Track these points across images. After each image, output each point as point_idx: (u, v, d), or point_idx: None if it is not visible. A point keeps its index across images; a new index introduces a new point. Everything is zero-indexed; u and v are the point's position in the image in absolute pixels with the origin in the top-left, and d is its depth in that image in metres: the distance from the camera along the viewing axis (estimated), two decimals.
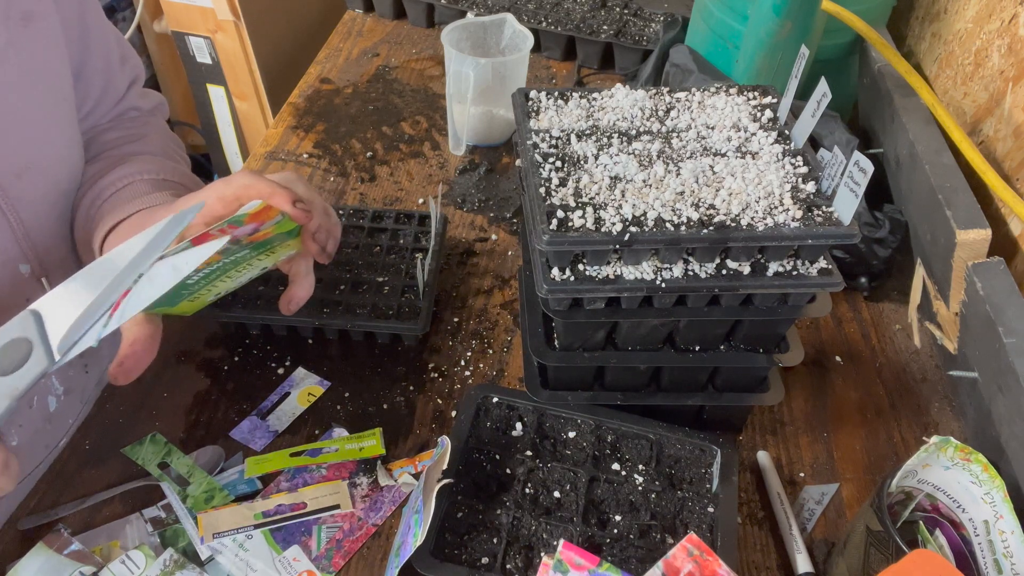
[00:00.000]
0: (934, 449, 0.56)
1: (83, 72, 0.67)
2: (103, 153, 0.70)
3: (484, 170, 1.03)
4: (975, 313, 0.70)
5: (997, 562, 0.56)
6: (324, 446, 0.71)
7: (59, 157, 0.63)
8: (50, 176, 0.62)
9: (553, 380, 0.70)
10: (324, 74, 1.22)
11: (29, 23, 0.58)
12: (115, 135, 0.72)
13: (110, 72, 0.71)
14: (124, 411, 0.73)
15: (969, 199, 0.75)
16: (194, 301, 0.59)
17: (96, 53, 0.68)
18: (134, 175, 0.65)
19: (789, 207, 0.59)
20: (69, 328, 0.43)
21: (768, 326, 0.65)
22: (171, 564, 0.61)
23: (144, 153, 0.70)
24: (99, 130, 0.72)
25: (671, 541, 0.62)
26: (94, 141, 0.71)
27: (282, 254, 0.62)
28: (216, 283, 0.58)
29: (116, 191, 0.63)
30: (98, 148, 0.70)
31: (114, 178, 0.64)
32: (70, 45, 0.64)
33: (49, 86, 0.61)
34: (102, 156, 0.69)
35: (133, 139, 0.72)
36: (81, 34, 0.66)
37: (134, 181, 0.64)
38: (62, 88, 0.63)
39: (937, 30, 0.97)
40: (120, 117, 0.74)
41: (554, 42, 1.24)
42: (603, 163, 0.62)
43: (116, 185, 0.64)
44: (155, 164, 0.67)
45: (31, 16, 0.58)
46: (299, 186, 0.59)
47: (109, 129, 0.73)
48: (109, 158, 0.69)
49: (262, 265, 0.61)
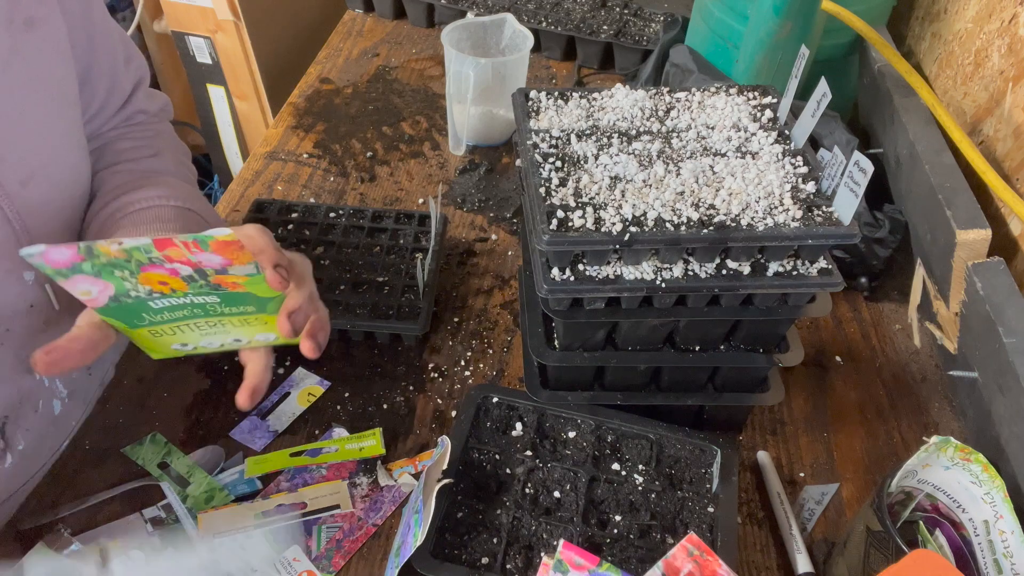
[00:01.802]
0: (934, 449, 0.56)
1: (89, 75, 0.67)
2: (120, 165, 0.69)
3: (484, 170, 1.03)
4: (975, 313, 0.70)
5: (997, 562, 0.56)
6: (324, 446, 0.71)
7: (65, 164, 0.63)
8: (56, 183, 0.62)
9: (553, 380, 0.70)
10: (324, 74, 1.22)
11: (33, 29, 0.58)
12: (129, 144, 0.72)
13: (115, 73, 0.70)
14: (124, 411, 0.73)
15: (969, 199, 0.75)
16: (156, 337, 0.56)
17: (102, 55, 0.68)
18: (161, 199, 0.64)
19: (789, 207, 0.59)
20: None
21: (768, 326, 0.65)
22: None
23: (165, 173, 0.70)
24: (111, 137, 0.72)
25: (671, 541, 0.62)
26: (108, 149, 0.71)
27: (258, 332, 0.58)
28: (181, 325, 0.55)
29: (139, 210, 0.63)
30: (113, 157, 0.70)
31: (140, 196, 0.64)
32: (76, 49, 0.63)
33: (54, 93, 0.61)
34: (120, 168, 0.69)
35: (150, 152, 0.72)
36: (87, 37, 0.65)
37: (160, 206, 0.64)
38: (67, 94, 0.63)
39: (937, 30, 0.97)
40: (129, 122, 0.74)
41: (554, 42, 1.24)
42: (603, 163, 0.62)
43: (141, 204, 0.63)
44: (182, 191, 0.67)
45: (35, 22, 0.58)
46: (300, 266, 0.56)
47: (122, 138, 0.72)
48: (130, 172, 0.68)
49: (234, 335, 0.58)
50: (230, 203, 0.97)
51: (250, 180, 1.01)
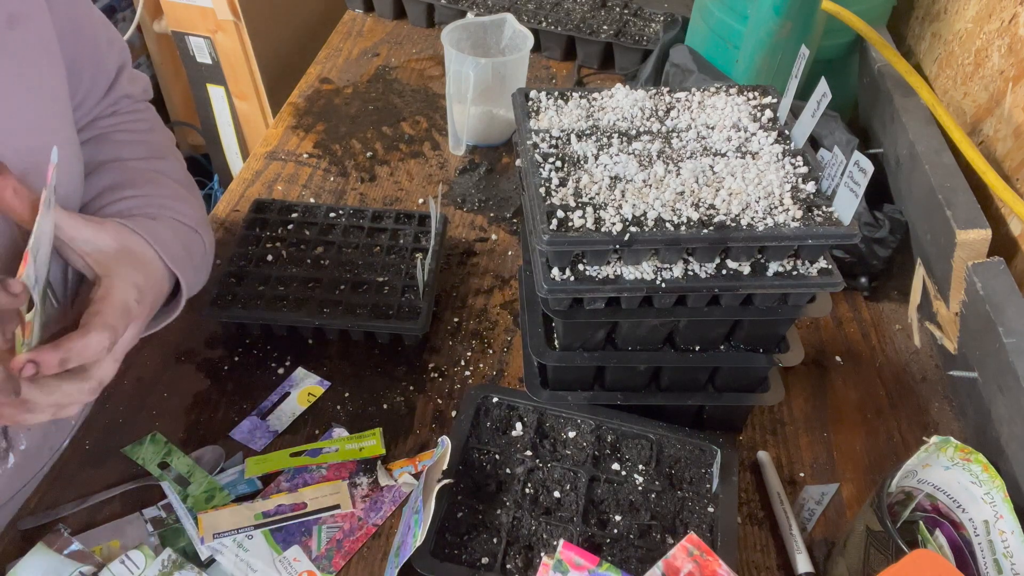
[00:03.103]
0: (934, 449, 0.56)
1: (75, 64, 0.66)
2: (128, 162, 0.69)
3: (484, 170, 1.03)
4: (975, 313, 0.70)
5: (997, 562, 0.56)
6: (324, 446, 0.71)
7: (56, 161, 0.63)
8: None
9: (553, 380, 0.70)
10: (324, 74, 1.22)
11: (16, 25, 0.57)
12: (127, 138, 0.71)
13: (99, 58, 0.70)
14: (124, 411, 0.73)
15: (969, 199, 0.75)
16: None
17: (86, 41, 0.67)
18: (174, 216, 0.66)
19: (789, 207, 0.59)
20: None
21: (768, 326, 0.65)
22: (170, 564, 0.61)
23: (173, 179, 0.71)
24: (104, 127, 0.71)
25: (671, 541, 0.62)
26: (106, 141, 0.70)
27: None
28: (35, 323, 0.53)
29: (146, 216, 0.64)
30: (115, 151, 0.70)
31: (151, 203, 0.65)
32: (62, 40, 0.63)
33: (42, 89, 0.61)
34: (125, 166, 0.69)
35: (153, 154, 0.72)
36: (72, 27, 0.65)
37: (171, 220, 0.65)
38: (55, 90, 0.62)
39: (937, 30, 0.97)
40: (116, 108, 0.73)
41: (554, 42, 1.24)
42: (603, 163, 0.62)
43: (149, 210, 0.65)
44: (196, 213, 0.69)
45: (17, 18, 0.57)
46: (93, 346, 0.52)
47: (117, 130, 0.72)
48: (136, 171, 0.69)
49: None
50: (230, 203, 0.97)
51: (250, 180, 1.01)
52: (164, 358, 0.78)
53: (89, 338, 0.52)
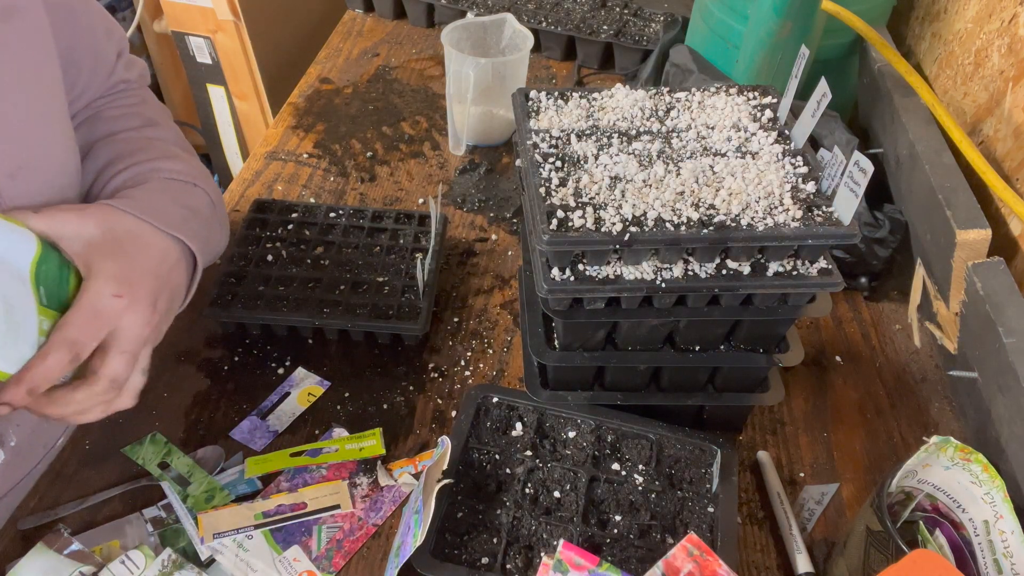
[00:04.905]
0: (934, 449, 0.56)
1: (72, 55, 0.66)
2: (119, 134, 0.69)
3: (484, 170, 1.03)
4: (975, 313, 0.70)
5: (997, 562, 0.56)
6: (324, 446, 0.71)
7: (53, 156, 0.62)
8: (44, 175, 0.61)
9: (553, 380, 0.70)
10: (324, 74, 1.22)
11: (11, 18, 0.57)
12: (119, 112, 0.71)
13: (98, 50, 0.69)
14: (124, 411, 0.73)
15: (969, 199, 0.75)
16: None
17: (83, 33, 0.67)
18: (168, 175, 0.66)
19: (789, 207, 0.59)
20: None
21: (768, 326, 0.65)
22: (170, 564, 0.61)
23: (166, 141, 0.71)
24: (98, 106, 0.71)
25: (671, 541, 0.62)
26: (98, 118, 0.70)
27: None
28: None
29: (137, 184, 0.64)
30: (107, 127, 0.70)
31: (142, 169, 0.66)
32: (57, 31, 0.62)
33: (37, 83, 0.60)
34: (116, 138, 0.69)
35: (146, 123, 0.72)
36: (68, 17, 0.64)
37: (164, 181, 0.66)
38: (51, 83, 0.62)
39: (937, 30, 0.97)
40: (113, 91, 0.73)
41: (554, 42, 1.24)
42: (603, 163, 0.62)
43: (140, 178, 0.65)
44: (193, 169, 0.69)
45: (13, 11, 0.57)
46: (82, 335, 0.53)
47: (110, 106, 0.72)
48: (127, 140, 0.69)
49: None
50: (230, 203, 0.97)
51: (250, 180, 1.01)
52: (164, 358, 0.78)
53: (47, 360, 0.52)
